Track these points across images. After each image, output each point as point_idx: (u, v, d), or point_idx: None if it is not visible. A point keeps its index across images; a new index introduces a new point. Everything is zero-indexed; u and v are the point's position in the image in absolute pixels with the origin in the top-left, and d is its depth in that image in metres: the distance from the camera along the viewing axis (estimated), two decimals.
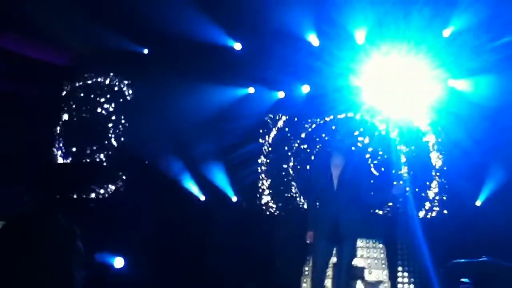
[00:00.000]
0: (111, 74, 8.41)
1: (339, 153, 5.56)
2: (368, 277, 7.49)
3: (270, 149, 8.16)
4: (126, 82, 8.44)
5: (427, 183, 7.65)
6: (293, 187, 8.03)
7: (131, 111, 8.36)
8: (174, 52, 8.21)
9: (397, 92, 7.86)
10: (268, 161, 8.13)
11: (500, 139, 7.39)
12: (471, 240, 7.03)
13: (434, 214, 7.54)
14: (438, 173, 7.68)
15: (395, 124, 7.90)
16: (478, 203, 7.61)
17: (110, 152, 8.29)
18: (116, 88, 8.42)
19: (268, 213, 8.01)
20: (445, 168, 7.72)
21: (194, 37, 7.96)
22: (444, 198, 7.61)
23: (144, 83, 8.35)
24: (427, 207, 7.59)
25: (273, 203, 8.04)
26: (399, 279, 7.69)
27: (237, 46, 8.33)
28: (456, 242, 7.09)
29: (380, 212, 7.75)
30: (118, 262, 7.78)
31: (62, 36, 7.72)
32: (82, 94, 8.41)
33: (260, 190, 8.07)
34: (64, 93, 8.45)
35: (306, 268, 7.38)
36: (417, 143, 7.87)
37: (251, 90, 8.45)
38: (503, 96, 7.33)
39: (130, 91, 8.42)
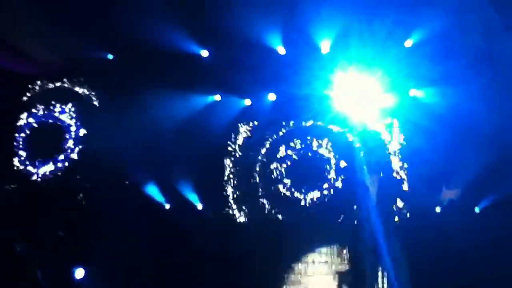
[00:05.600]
0: (74, 79, 8.25)
1: None
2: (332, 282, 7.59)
3: (236, 156, 8.15)
4: (89, 88, 8.29)
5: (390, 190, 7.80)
6: (259, 195, 8.04)
7: (94, 118, 8.22)
8: (139, 58, 8.15)
9: (360, 101, 8.01)
10: (234, 168, 8.11)
11: (457, 146, 7.62)
12: (433, 245, 7.22)
13: (397, 219, 7.68)
14: (400, 180, 7.83)
15: (358, 132, 8.03)
16: (437, 209, 7.83)
17: (72, 160, 8.13)
18: (79, 94, 8.29)
19: (234, 221, 7.99)
20: (405, 177, 7.89)
21: (160, 43, 7.94)
22: (403, 205, 7.77)
23: (109, 90, 8.25)
24: (391, 214, 7.74)
25: (239, 211, 8.03)
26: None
27: (204, 53, 8.34)
28: (418, 247, 7.26)
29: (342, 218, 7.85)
30: (79, 273, 7.66)
31: (25, 42, 7.58)
32: (44, 100, 8.22)
33: (227, 198, 8.04)
34: (25, 99, 8.23)
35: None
36: (380, 151, 8.01)
37: (217, 97, 8.45)
38: (460, 105, 7.56)
39: (94, 98, 8.28)
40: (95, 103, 8.23)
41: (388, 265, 7.14)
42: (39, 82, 8.22)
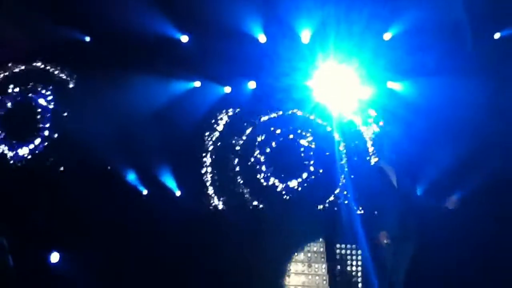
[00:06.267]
0: (51, 62, 8.04)
1: None
2: (307, 270, 7.71)
3: (216, 144, 8.11)
4: (66, 71, 8.09)
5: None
6: (239, 183, 8.04)
7: (71, 102, 8.05)
8: (118, 41, 8.00)
9: (339, 92, 8.10)
10: (214, 156, 8.09)
11: (434, 138, 7.82)
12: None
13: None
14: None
15: (337, 122, 8.13)
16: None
17: (46, 143, 7.94)
18: (55, 77, 8.08)
19: (213, 209, 7.99)
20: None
21: (139, 26, 7.83)
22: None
23: (86, 73, 8.08)
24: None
25: (218, 199, 8.02)
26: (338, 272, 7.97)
27: (184, 38, 8.24)
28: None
29: (321, 207, 7.95)
30: (54, 257, 7.55)
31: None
32: (19, 82, 7.97)
33: (206, 186, 8.01)
34: None
35: None
36: (357, 141, 8.13)
37: (197, 84, 8.37)
38: (436, 96, 7.75)
39: (71, 81, 8.09)
40: (72, 86, 8.05)
41: (366, 257, 7.31)
42: (14, 64, 7.97)
